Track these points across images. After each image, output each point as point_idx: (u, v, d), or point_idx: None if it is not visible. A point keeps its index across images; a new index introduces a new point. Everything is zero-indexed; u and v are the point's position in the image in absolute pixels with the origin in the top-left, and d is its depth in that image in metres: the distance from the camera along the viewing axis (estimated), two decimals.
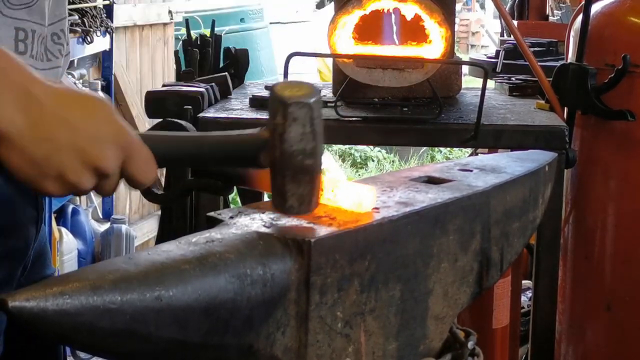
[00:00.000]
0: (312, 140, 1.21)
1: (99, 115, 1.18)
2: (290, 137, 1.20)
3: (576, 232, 2.88)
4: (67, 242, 4.60)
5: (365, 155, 9.70)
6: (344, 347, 1.22)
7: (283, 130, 1.20)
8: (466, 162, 1.60)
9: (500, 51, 3.65)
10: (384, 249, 1.25)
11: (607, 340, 2.84)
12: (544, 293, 2.63)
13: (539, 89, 2.89)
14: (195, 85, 2.75)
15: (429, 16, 2.71)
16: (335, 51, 2.76)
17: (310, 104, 1.21)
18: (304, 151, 1.21)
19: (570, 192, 2.85)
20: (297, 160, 1.20)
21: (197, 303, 1.06)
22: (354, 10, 2.72)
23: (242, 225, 1.20)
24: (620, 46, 2.68)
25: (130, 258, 1.07)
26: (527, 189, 1.56)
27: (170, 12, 6.32)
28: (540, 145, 2.42)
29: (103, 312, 1.00)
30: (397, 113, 2.73)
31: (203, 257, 1.09)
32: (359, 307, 1.23)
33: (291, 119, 1.20)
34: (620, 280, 2.79)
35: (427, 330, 1.37)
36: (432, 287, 1.36)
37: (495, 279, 1.51)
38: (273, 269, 1.13)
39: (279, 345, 1.16)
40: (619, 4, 2.80)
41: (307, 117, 1.20)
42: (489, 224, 1.45)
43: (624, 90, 2.62)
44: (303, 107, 1.20)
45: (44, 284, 0.99)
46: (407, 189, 1.40)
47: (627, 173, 2.75)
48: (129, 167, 1.20)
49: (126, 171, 1.20)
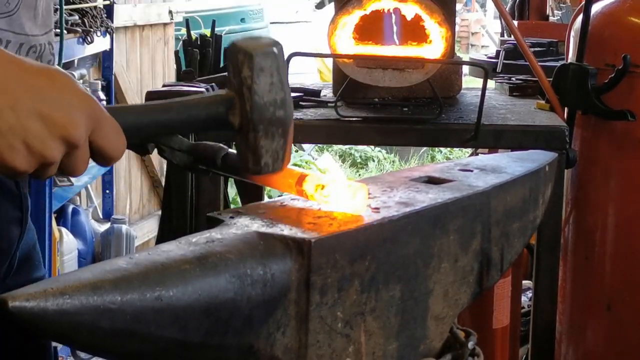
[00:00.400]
0: (280, 90, 1.20)
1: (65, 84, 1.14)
2: (259, 88, 1.18)
3: (576, 232, 2.88)
4: (67, 242, 4.60)
5: (365, 156, 9.70)
6: (344, 347, 1.22)
7: (251, 82, 1.18)
8: (466, 162, 1.60)
9: (501, 51, 3.65)
10: (385, 249, 1.25)
11: (608, 340, 2.84)
12: (544, 293, 2.63)
13: (539, 89, 2.89)
14: (196, 85, 2.75)
15: (429, 16, 2.71)
16: (335, 51, 2.76)
17: (275, 53, 1.20)
18: (275, 102, 1.19)
19: (571, 192, 2.86)
20: (269, 111, 1.19)
21: (198, 303, 1.06)
22: (354, 10, 2.73)
23: (243, 225, 1.20)
24: (620, 46, 2.68)
25: (131, 258, 1.06)
26: (527, 189, 1.56)
27: (171, 12, 6.32)
28: (540, 145, 2.42)
29: (103, 312, 1.00)
30: (398, 113, 2.73)
31: (203, 257, 1.09)
32: (359, 307, 1.23)
33: (258, 69, 1.18)
34: (621, 280, 2.79)
35: (428, 331, 1.37)
36: (433, 287, 1.36)
37: (496, 279, 1.51)
38: (273, 269, 1.13)
39: (279, 346, 1.16)
40: (619, 4, 2.80)
41: (274, 66, 1.19)
42: (489, 224, 1.45)
43: (624, 90, 2.62)
44: (268, 57, 1.19)
45: (44, 283, 0.99)
46: (407, 189, 1.40)
47: (628, 173, 2.76)
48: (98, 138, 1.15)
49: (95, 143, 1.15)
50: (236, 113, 1.20)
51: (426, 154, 9.65)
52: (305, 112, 2.72)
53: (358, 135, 2.66)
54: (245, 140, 1.20)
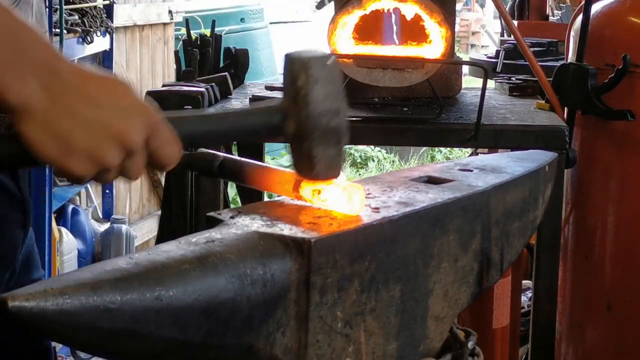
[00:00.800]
0: (335, 100, 1.22)
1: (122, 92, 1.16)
2: (314, 97, 1.20)
3: (576, 232, 2.88)
4: (67, 242, 4.60)
5: (365, 155, 9.70)
6: (344, 347, 1.22)
7: (307, 92, 1.20)
8: (466, 162, 1.60)
9: (501, 51, 3.65)
10: (384, 249, 1.25)
11: (608, 340, 2.84)
12: (544, 293, 2.63)
13: (539, 89, 2.89)
14: (196, 85, 2.75)
15: (429, 16, 2.71)
16: (335, 51, 2.75)
17: (330, 63, 1.22)
18: (329, 111, 1.21)
19: (571, 192, 2.85)
20: (324, 121, 1.20)
21: (197, 303, 1.06)
22: (354, 10, 2.73)
23: (242, 225, 1.20)
24: (620, 46, 2.68)
25: (131, 258, 1.06)
26: (527, 189, 1.56)
27: (171, 12, 6.32)
28: (540, 145, 2.42)
29: (103, 312, 1.00)
30: (397, 113, 2.73)
31: (203, 257, 1.09)
32: (359, 307, 1.23)
33: (314, 79, 1.20)
34: (621, 280, 2.79)
35: (427, 331, 1.37)
36: (432, 287, 1.36)
37: (496, 279, 1.51)
38: (273, 269, 1.13)
39: (279, 346, 1.16)
40: (619, 4, 2.80)
41: (329, 77, 1.21)
42: (489, 224, 1.45)
43: (624, 90, 2.62)
44: (324, 67, 1.21)
45: (44, 283, 0.99)
46: (407, 189, 1.40)
47: (628, 173, 2.75)
48: (154, 145, 1.17)
49: (150, 150, 1.17)
50: (291, 122, 1.21)
51: (426, 154, 9.65)
52: None
53: (358, 135, 2.66)
54: (299, 148, 1.22)
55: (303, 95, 1.20)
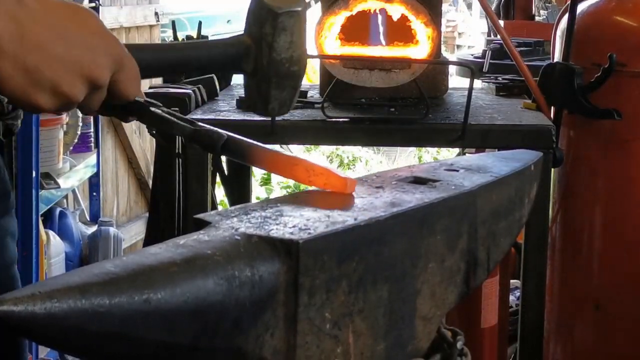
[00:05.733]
0: (298, 48, 1.24)
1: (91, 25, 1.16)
2: (279, 45, 1.21)
3: (564, 231, 2.88)
4: (55, 245, 4.59)
5: (352, 156, 9.70)
6: (332, 348, 1.22)
7: (272, 39, 1.21)
8: (452, 162, 1.61)
9: (487, 51, 3.66)
10: (372, 249, 1.26)
11: (596, 339, 2.85)
12: (532, 292, 2.64)
13: (526, 89, 2.90)
14: (182, 87, 2.75)
15: (416, 17, 2.71)
16: (322, 52, 2.76)
17: (299, 12, 1.23)
18: (291, 59, 1.23)
19: (558, 191, 2.86)
20: (284, 67, 1.22)
21: (186, 305, 1.06)
22: (341, 11, 2.73)
23: (230, 227, 1.20)
24: (606, 45, 2.68)
25: (118, 261, 1.06)
26: (513, 188, 1.56)
27: (157, 13, 6.31)
28: (527, 144, 2.42)
29: (92, 315, 0.99)
30: (385, 113, 2.74)
31: (191, 259, 1.09)
32: (347, 308, 1.23)
33: (280, 28, 1.21)
34: (608, 279, 2.80)
35: (415, 331, 1.37)
36: (420, 287, 1.36)
37: (483, 279, 1.51)
38: (261, 271, 1.13)
39: (267, 347, 1.16)
40: (605, 3, 2.81)
41: (296, 26, 1.22)
42: (476, 223, 1.45)
43: (610, 90, 2.63)
44: (292, 17, 1.22)
45: (32, 287, 0.99)
46: (394, 189, 1.40)
47: (614, 172, 2.76)
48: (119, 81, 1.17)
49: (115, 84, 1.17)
50: (250, 61, 1.23)
51: (413, 154, 9.66)
52: (291, 113, 2.71)
53: (345, 135, 2.66)
54: (257, 87, 1.23)
55: (268, 42, 1.21)
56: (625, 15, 2.76)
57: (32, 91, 1.12)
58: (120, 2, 5.90)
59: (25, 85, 1.11)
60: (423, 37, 2.74)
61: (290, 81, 1.24)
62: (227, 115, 2.66)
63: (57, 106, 1.15)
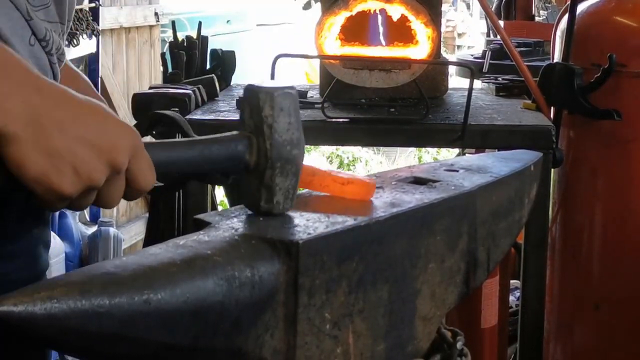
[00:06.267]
0: (296, 130, 1.25)
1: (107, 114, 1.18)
2: (279, 126, 1.23)
3: (564, 231, 2.88)
4: (55, 246, 4.59)
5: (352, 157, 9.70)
6: (332, 348, 1.22)
7: (273, 120, 1.22)
8: (452, 162, 1.61)
9: (487, 51, 3.66)
10: (372, 250, 1.26)
11: (596, 339, 2.85)
12: (532, 292, 2.64)
13: (526, 89, 2.90)
14: (182, 87, 2.76)
15: (415, 17, 2.72)
16: (322, 52, 2.76)
17: (293, 94, 1.25)
18: (292, 141, 1.24)
19: (558, 191, 2.86)
20: (286, 150, 1.23)
21: (186, 306, 1.06)
22: (341, 11, 2.73)
23: (230, 227, 1.20)
24: (606, 46, 2.69)
25: (118, 261, 1.06)
26: (512, 188, 1.56)
27: (157, 14, 6.31)
28: (527, 145, 2.42)
29: (92, 316, 0.99)
30: (384, 114, 2.74)
31: (191, 259, 1.09)
32: (347, 308, 1.23)
33: (278, 108, 1.22)
34: (608, 279, 2.80)
35: (415, 331, 1.37)
36: (420, 287, 1.36)
37: (483, 279, 1.51)
38: (261, 271, 1.13)
39: (267, 348, 1.16)
40: (605, 3, 2.81)
41: (292, 107, 1.24)
42: (476, 224, 1.45)
43: (610, 90, 2.63)
44: (287, 98, 1.24)
45: (32, 288, 0.99)
46: (394, 189, 1.40)
47: (614, 172, 2.76)
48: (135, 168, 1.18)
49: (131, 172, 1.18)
50: (253, 152, 1.23)
51: (413, 154, 9.66)
52: None
53: (345, 136, 2.67)
54: (261, 178, 1.24)
55: (269, 124, 1.22)
56: (625, 15, 2.76)
57: (55, 175, 1.12)
58: (120, 2, 5.90)
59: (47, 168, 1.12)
60: (423, 37, 2.74)
61: (292, 166, 1.24)
62: (227, 115, 2.66)
63: (79, 190, 1.14)
